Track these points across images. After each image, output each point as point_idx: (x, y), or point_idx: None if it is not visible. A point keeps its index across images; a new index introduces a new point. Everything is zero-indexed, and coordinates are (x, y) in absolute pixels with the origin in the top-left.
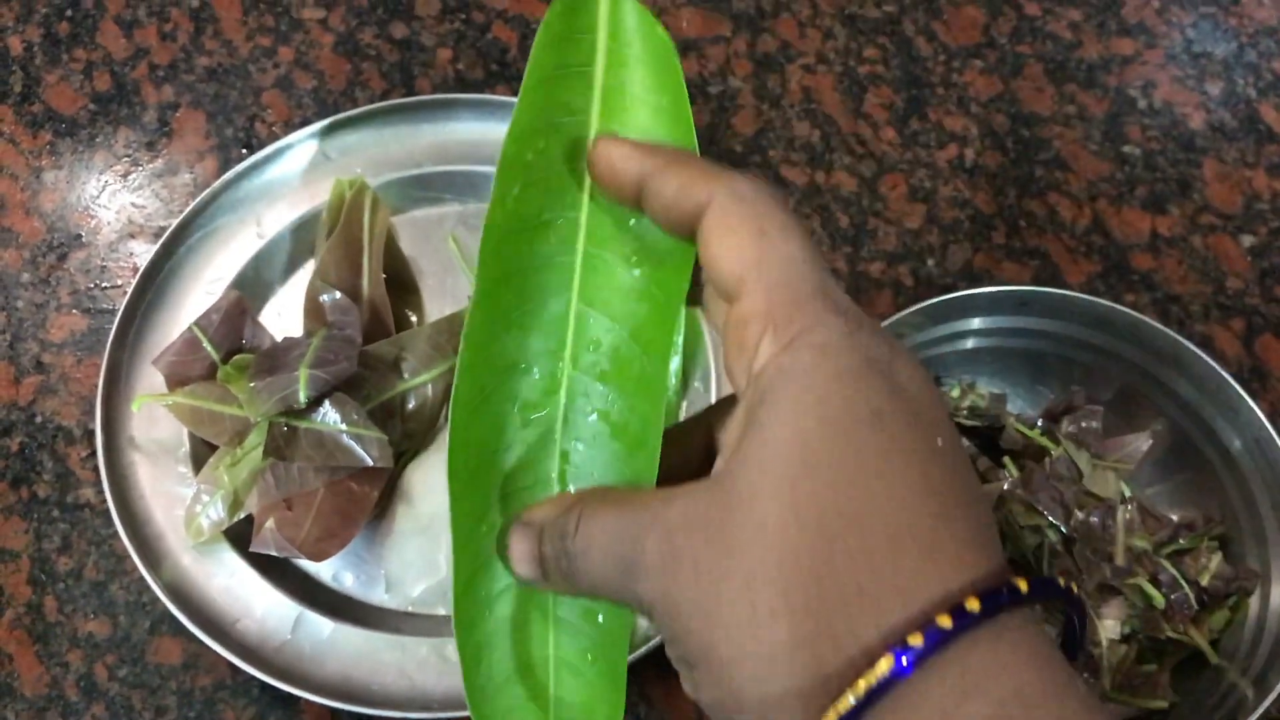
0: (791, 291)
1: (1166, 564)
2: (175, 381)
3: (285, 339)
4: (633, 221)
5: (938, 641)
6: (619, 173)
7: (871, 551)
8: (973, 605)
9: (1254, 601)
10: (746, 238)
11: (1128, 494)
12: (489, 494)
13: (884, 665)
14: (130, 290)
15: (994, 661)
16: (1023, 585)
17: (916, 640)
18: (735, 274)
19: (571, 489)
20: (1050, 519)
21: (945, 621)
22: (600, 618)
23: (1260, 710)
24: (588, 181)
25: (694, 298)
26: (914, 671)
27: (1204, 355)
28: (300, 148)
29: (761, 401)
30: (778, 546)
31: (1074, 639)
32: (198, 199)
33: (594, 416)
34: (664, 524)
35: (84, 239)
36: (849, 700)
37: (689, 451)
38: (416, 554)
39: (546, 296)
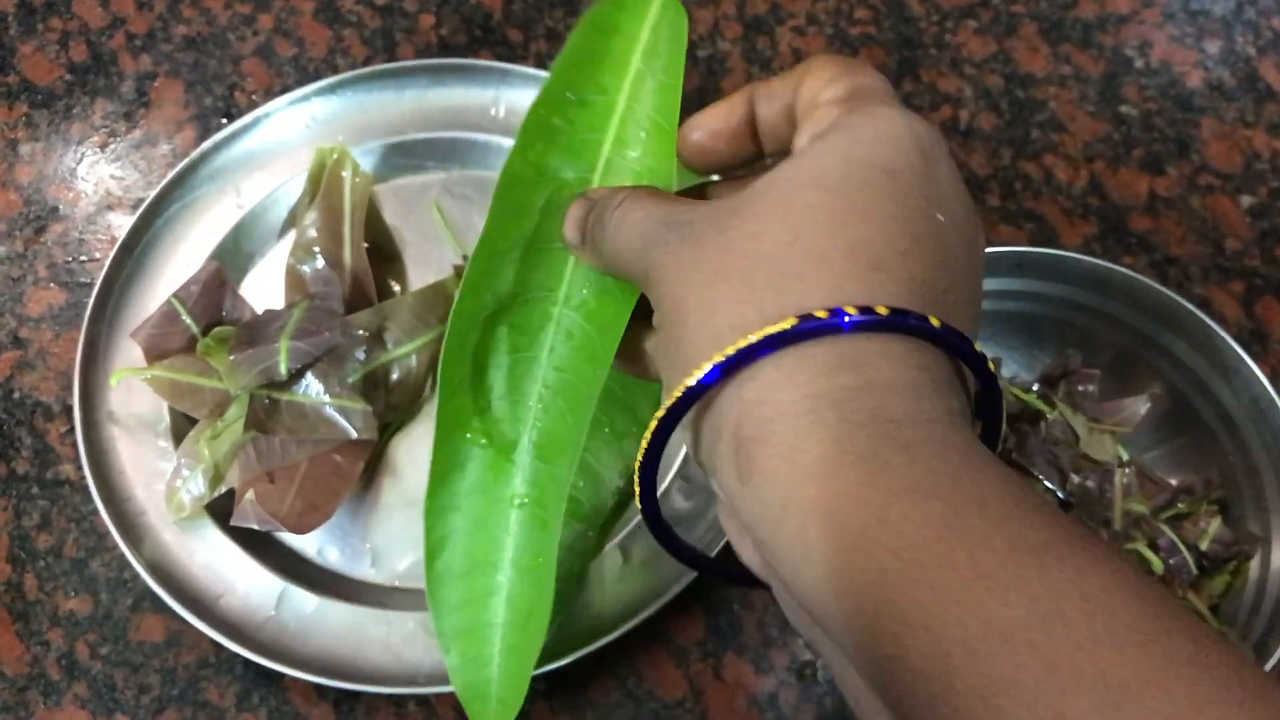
0: (872, 92)
1: (1165, 528)
2: (154, 355)
3: (266, 310)
4: None
5: (838, 324)
6: (725, 125)
7: (826, 251)
8: (883, 310)
9: (1254, 565)
10: (839, 69)
11: (1125, 458)
12: (472, 402)
13: (787, 323)
14: (108, 263)
15: (880, 355)
16: (936, 322)
17: (820, 313)
18: (821, 88)
19: (540, 406)
20: (1046, 483)
21: (852, 310)
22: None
23: None
24: (599, 170)
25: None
26: (806, 338)
27: (1203, 317)
28: (280, 116)
29: (811, 139)
30: (752, 234)
31: (992, 412)
32: (176, 169)
33: (570, 345)
34: (690, 217)
35: (61, 211)
36: (755, 337)
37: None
38: (402, 527)
39: (552, 240)
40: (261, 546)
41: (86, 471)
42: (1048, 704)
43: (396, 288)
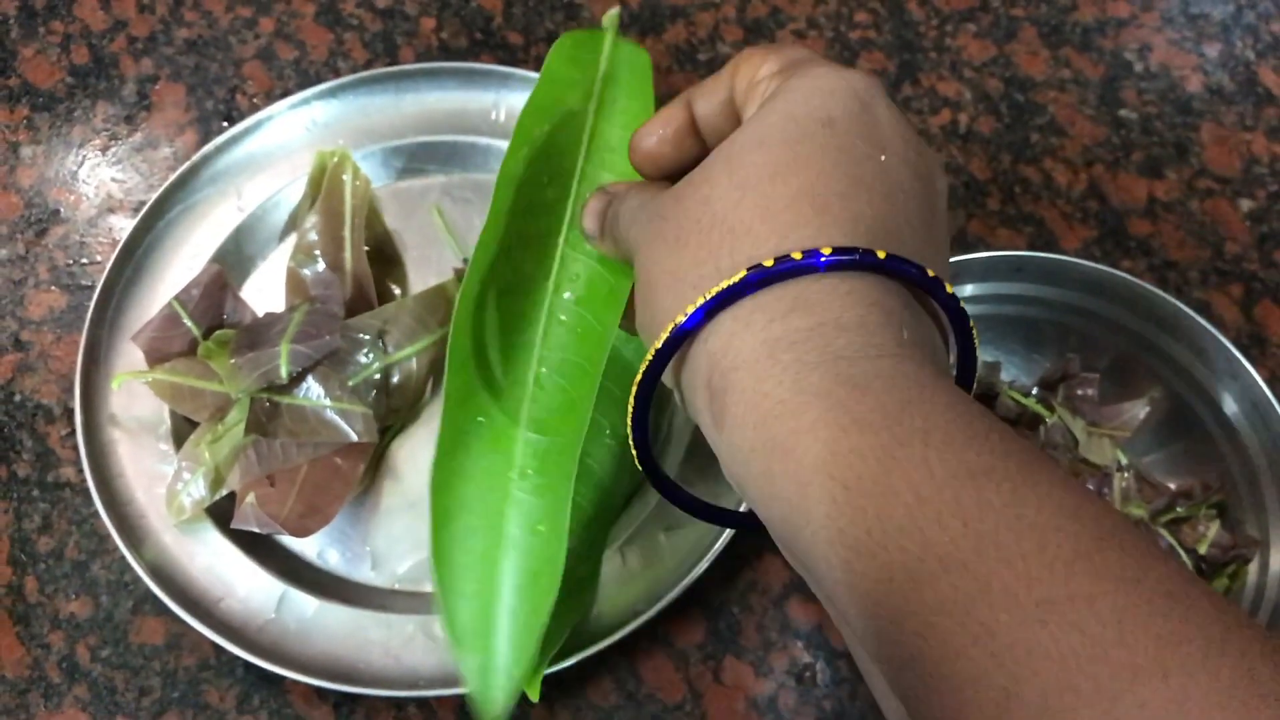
0: (805, 59)
1: (1164, 532)
2: (155, 358)
3: (267, 314)
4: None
5: (786, 269)
6: (668, 130)
7: (771, 203)
8: (827, 250)
9: (1253, 569)
10: (768, 50)
11: (1124, 462)
12: (477, 379)
13: (738, 276)
14: (109, 265)
15: (830, 294)
16: (881, 254)
17: (768, 263)
18: (755, 70)
19: (537, 385)
20: None
21: (797, 255)
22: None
23: None
24: (577, 177)
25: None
26: (758, 287)
27: (1202, 321)
28: (281, 119)
29: (762, 107)
30: (703, 199)
31: (967, 352)
32: (177, 172)
33: (566, 329)
34: (661, 199)
35: (62, 214)
36: (710, 294)
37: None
38: (403, 530)
39: (543, 238)
40: (262, 549)
41: (87, 474)
42: (977, 619)
43: (397, 291)
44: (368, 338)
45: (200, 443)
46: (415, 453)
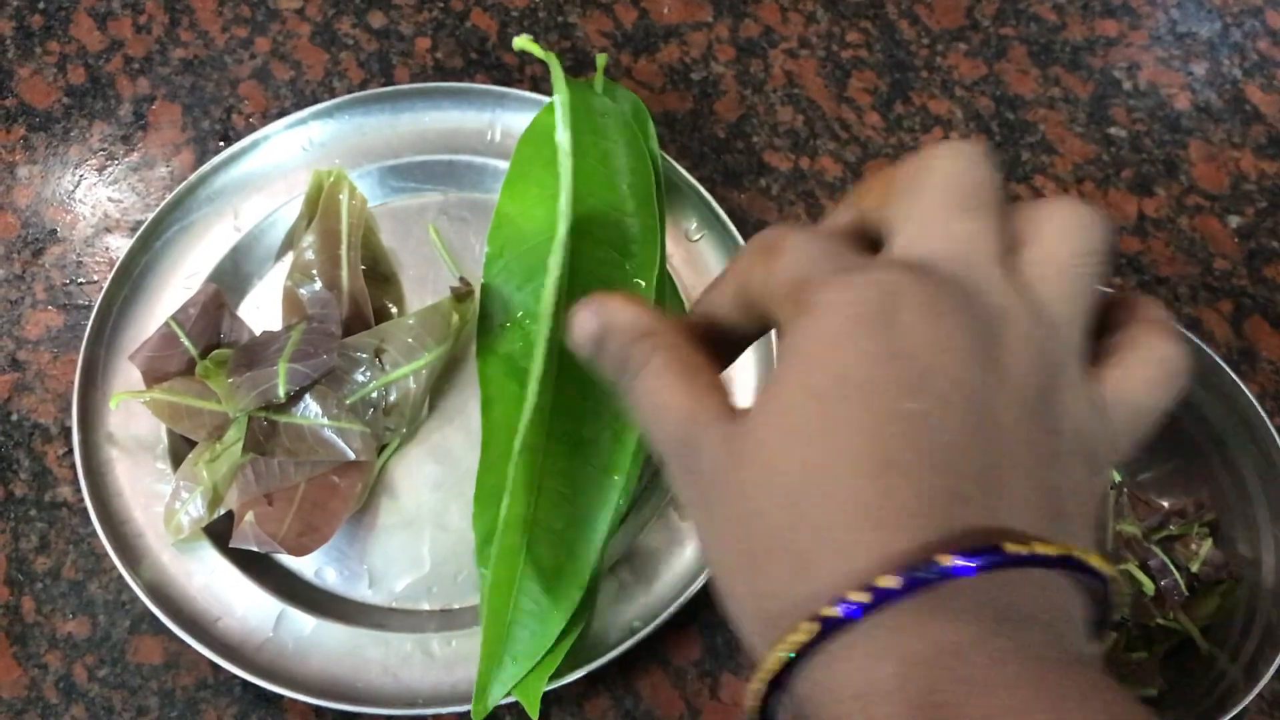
0: (805, 269)
1: (1157, 550)
2: (153, 377)
3: (264, 333)
4: None
5: (851, 616)
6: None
7: (820, 523)
8: (895, 583)
9: (1244, 588)
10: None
11: (1118, 480)
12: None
13: (814, 630)
14: (106, 285)
15: (912, 625)
16: (945, 560)
17: (833, 611)
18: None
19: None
20: None
21: (865, 597)
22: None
23: (1249, 697)
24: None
25: None
26: (833, 637)
27: (1194, 338)
28: (278, 139)
29: (779, 359)
30: (754, 512)
31: (1102, 606)
32: (174, 192)
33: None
34: (701, 455)
35: (59, 234)
36: (778, 657)
37: None
38: (400, 549)
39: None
40: (259, 568)
41: (85, 494)
42: None
43: (394, 309)
44: (365, 356)
45: (198, 462)
46: (412, 471)
